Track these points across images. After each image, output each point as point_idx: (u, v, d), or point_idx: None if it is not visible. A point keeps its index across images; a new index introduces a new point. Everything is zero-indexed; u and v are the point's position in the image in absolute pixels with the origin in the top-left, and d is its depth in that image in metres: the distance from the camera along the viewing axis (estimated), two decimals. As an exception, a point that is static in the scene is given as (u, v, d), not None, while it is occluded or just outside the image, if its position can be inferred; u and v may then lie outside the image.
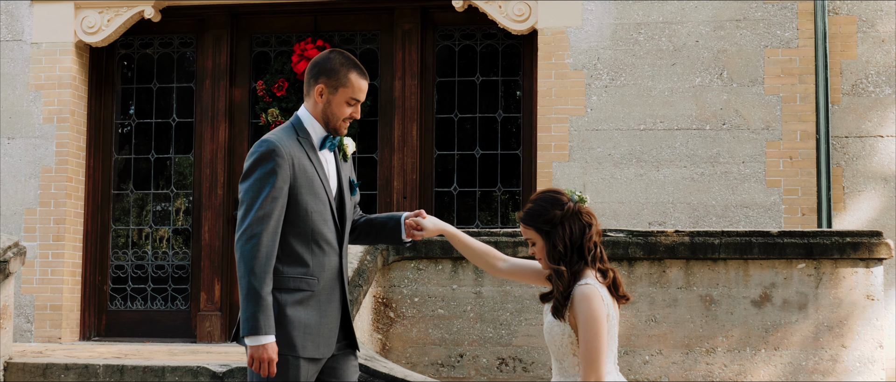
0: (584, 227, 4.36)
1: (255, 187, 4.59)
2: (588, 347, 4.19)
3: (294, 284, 4.64)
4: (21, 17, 11.26)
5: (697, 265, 7.94)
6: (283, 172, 4.59)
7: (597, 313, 4.22)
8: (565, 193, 4.42)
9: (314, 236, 4.68)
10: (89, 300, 11.42)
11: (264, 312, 4.51)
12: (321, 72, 4.79)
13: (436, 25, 11.34)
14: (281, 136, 4.70)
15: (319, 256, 4.70)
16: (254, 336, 4.51)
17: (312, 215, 4.68)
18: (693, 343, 7.90)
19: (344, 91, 4.77)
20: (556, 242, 4.33)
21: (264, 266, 4.53)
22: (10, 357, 8.38)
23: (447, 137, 11.25)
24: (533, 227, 4.40)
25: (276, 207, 4.57)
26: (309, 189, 4.68)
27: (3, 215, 11.08)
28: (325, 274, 4.72)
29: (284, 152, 4.62)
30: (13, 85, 11.20)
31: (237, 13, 11.55)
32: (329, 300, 4.74)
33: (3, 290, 8.22)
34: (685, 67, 10.35)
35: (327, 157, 4.83)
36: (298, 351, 4.61)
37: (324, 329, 4.70)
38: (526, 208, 4.45)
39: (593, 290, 4.26)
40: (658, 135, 10.33)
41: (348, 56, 4.86)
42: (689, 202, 10.22)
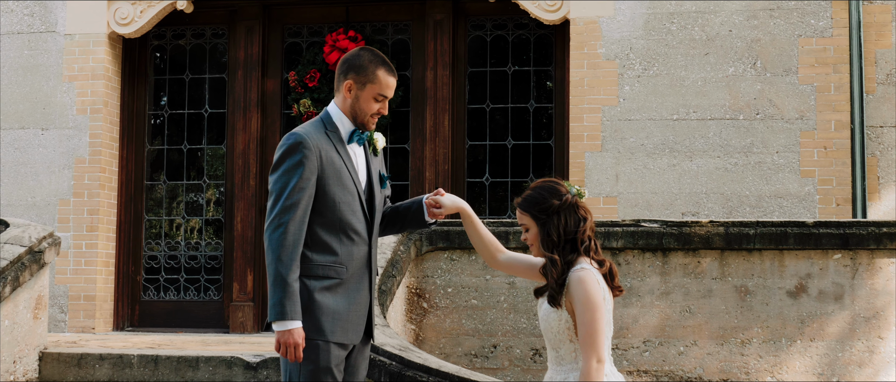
0: (578, 220, 4.42)
1: (284, 178, 4.71)
2: (587, 329, 4.25)
3: (323, 271, 4.76)
4: (54, 8, 11.32)
5: (732, 256, 7.89)
6: (310, 163, 4.72)
7: (594, 295, 4.28)
8: (564, 185, 4.47)
9: (342, 226, 4.80)
10: (123, 290, 11.47)
11: (291, 298, 4.63)
12: (350, 68, 4.92)
13: (467, 15, 11.31)
14: (309, 129, 4.83)
15: (348, 245, 4.81)
16: (281, 321, 4.63)
17: (340, 206, 4.79)
18: (728, 335, 7.86)
19: (372, 87, 4.89)
20: (551, 231, 4.40)
21: (291, 254, 4.66)
22: (45, 347, 8.43)
23: (479, 127, 11.23)
24: (529, 213, 4.47)
25: (303, 197, 4.70)
26: (337, 181, 4.79)
27: (38, 206, 11.14)
28: (353, 263, 4.83)
29: (312, 145, 4.75)
30: (47, 76, 11.26)
31: (269, 4, 11.56)
32: (357, 289, 4.85)
33: (37, 280, 8.27)
34: (718, 57, 10.29)
35: (356, 150, 4.94)
36: (327, 335, 4.72)
37: (352, 316, 4.81)
38: (524, 194, 4.52)
39: (589, 274, 4.33)
40: (691, 125, 10.27)
41: (377, 53, 4.96)
42: (723, 193, 10.16)
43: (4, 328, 7.91)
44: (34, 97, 11.26)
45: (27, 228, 8.39)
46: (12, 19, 11.37)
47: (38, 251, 8.24)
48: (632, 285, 7.94)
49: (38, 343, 8.32)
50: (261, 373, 7.73)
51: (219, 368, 7.83)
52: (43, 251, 8.29)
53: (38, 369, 8.27)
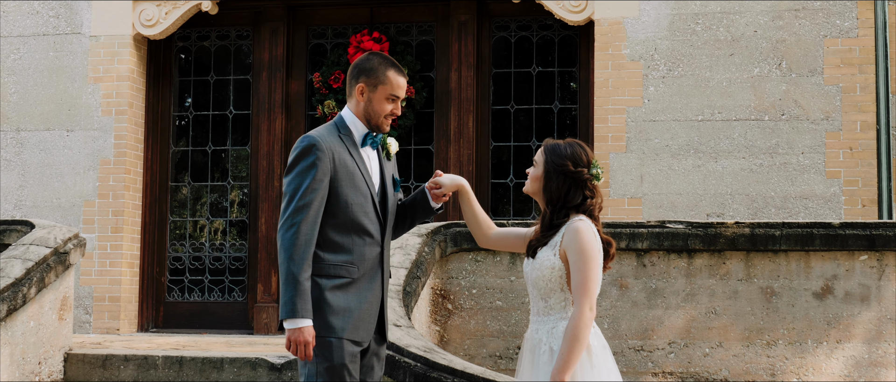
0: (583, 197, 4.51)
1: (297, 180, 4.80)
2: (582, 276, 4.33)
3: (334, 271, 4.83)
4: (80, 10, 11.36)
5: (758, 257, 7.85)
6: (323, 165, 4.80)
7: (590, 244, 4.37)
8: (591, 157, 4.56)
9: (355, 227, 4.87)
10: (147, 291, 11.50)
11: (302, 296, 4.69)
12: (361, 72, 5.02)
13: (492, 16, 11.30)
14: (322, 133, 4.92)
15: (360, 246, 4.89)
16: (291, 319, 4.69)
17: (353, 207, 4.87)
18: (754, 336, 7.82)
19: (383, 88, 4.99)
20: (553, 188, 4.51)
21: (303, 253, 4.73)
22: (71, 348, 8.46)
23: (503, 128, 11.21)
24: (546, 156, 4.57)
25: (315, 198, 4.78)
26: (349, 183, 4.87)
27: (63, 207, 11.19)
28: (365, 264, 4.90)
29: (325, 147, 4.83)
30: (72, 78, 11.31)
31: (293, 5, 11.58)
32: (369, 288, 4.91)
33: (63, 281, 8.30)
34: (743, 58, 10.25)
35: (369, 154, 5.04)
36: (339, 333, 4.78)
37: (363, 315, 4.87)
38: (557, 141, 4.62)
39: (587, 225, 4.42)
40: (716, 126, 10.23)
41: (386, 56, 5.08)
42: (748, 194, 10.11)
43: (30, 329, 7.94)
44: (60, 99, 11.31)
45: (52, 229, 8.42)
46: (38, 21, 11.42)
47: (63, 253, 8.27)
48: (657, 286, 7.91)
49: (63, 344, 8.35)
50: (285, 374, 7.74)
51: (243, 369, 7.84)
52: (68, 252, 8.31)
53: (63, 370, 8.30)
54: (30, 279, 7.88)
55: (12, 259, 7.98)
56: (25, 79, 11.38)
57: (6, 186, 11.30)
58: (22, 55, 11.42)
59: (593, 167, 4.52)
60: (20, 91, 11.38)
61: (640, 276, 7.92)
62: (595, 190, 4.54)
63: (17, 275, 7.79)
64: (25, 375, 7.87)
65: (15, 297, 7.72)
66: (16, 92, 11.39)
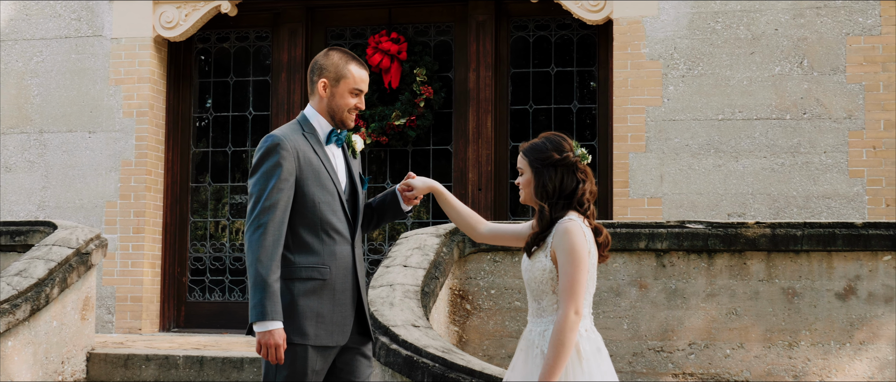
0: (576, 181, 4.44)
1: (262, 180, 4.73)
2: (568, 279, 4.26)
3: (306, 273, 4.77)
4: (101, 12, 11.41)
5: (779, 258, 7.82)
6: (287, 164, 4.74)
7: (578, 246, 4.29)
8: (571, 143, 4.50)
9: (323, 225, 4.81)
10: (169, 291, 11.55)
11: (271, 298, 4.62)
12: (322, 67, 4.96)
13: (510, 16, 11.29)
14: (286, 131, 4.85)
15: (329, 245, 4.83)
16: (261, 322, 4.62)
17: (320, 206, 4.81)
18: (775, 337, 7.79)
19: (345, 82, 4.92)
20: (546, 182, 4.43)
21: (271, 254, 4.66)
22: (93, 348, 8.50)
23: (522, 128, 11.20)
24: (527, 159, 4.50)
25: (281, 198, 4.71)
26: (315, 180, 4.82)
27: (85, 208, 11.24)
28: (336, 263, 4.84)
29: (289, 146, 4.76)
30: (94, 80, 11.36)
31: (312, 6, 11.60)
32: (342, 290, 4.85)
33: (85, 282, 8.34)
34: (764, 56, 10.21)
35: (334, 151, 4.98)
36: (310, 340, 4.73)
37: (336, 318, 4.81)
38: (531, 140, 4.55)
39: (576, 225, 4.34)
40: (737, 125, 10.19)
41: (346, 51, 5.03)
42: (769, 193, 10.07)
43: (52, 329, 7.98)
44: (82, 101, 11.36)
45: (75, 230, 8.46)
46: (60, 24, 11.48)
47: (85, 253, 8.31)
48: (677, 287, 7.89)
49: (85, 344, 8.39)
50: (305, 375, 7.74)
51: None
52: (90, 252, 8.36)
53: (85, 369, 8.34)
54: (52, 279, 7.92)
55: (35, 260, 8.03)
56: (48, 81, 11.44)
57: (29, 187, 11.37)
58: (44, 58, 11.48)
59: (576, 148, 4.48)
60: (43, 93, 11.44)
61: (659, 276, 7.90)
62: (586, 172, 4.48)
63: (39, 275, 7.84)
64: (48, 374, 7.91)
65: (38, 297, 7.77)
66: (38, 94, 11.45)
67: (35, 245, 8.35)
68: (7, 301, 7.54)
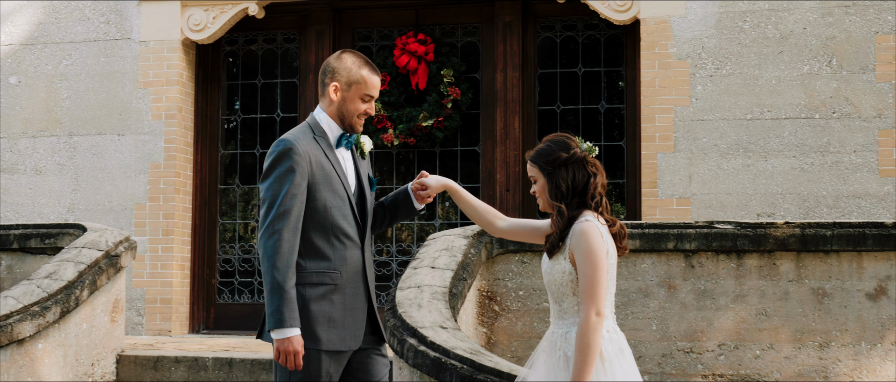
0: (587, 175, 4.45)
1: (275, 186, 4.72)
2: (588, 280, 4.27)
3: (317, 279, 4.76)
4: (129, 15, 11.47)
5: (809, 258, 7.77)
6: (300, 169, 4.72)
7: (596, 247, 4.29)
8: (576, 140, 4.51)
9: (334, 230, 4.80)
10: (198, 293, 11.59)
11: (288, 305, 4.62)
12: (334, 70, 4.93)
13: (537, 17, 11.28)
14: (297, 135, 4.83)
15: (340, 250, 4.82)
16: (279, 329, 4.62)
17: (331, 211, 4.80)
18: (805, 338, 7.75)
19: (357, 87, 4.90)
20: (559, 183, 4.44)
21: (287, 261, 4.66)
22: (123, 350, 8.54)
23: (550, 129, 11.17)
24: (537, 165, 4.51)
25: (295, 203, 4.70)
26: (327, 185, 4.80)
27: (115, 210, 11.30)
28: (347, 268, 4.83)
29: (301, 150, 4.75)
30: (122, 83, 11.42)
31: (339, 8, 11.62)
32: (353, 294, 4.85)
33: (114, 284, 8.38)
34: (793, 55, 10.15)
35: (344, 154, 4.96)
36: (322, 345, 4.73)
37: (348, 322, 4.81)
38: (536, 147, 4.56)
39: (592, 226, 4.35)
40: (765, 124, 10.14)
41: (360, 54, 4.99)
42: (799, 193, 10.02)
43: (82, 331, 8.03)
44: (111, 103, 11.42)
45: (104, 232, 8.51)
46: (89, 27, 11.55)
47: (114, 255, 8.35)
48: (705, 287, 7.85)
49: (115, 346, 8.43)
50: (334, 376, 7.75)
51: (292, 371, 7.86)
52: (119, 255, 8.40)
53: (115, 371, 8.39)
54: (82, 281, 7.97)
55: (65, 262, 8.07)
56: (77, 84, 11.51)
57: (60, 189, 11.44)
58: (74, 61, 11.55)
59: (582, 143, 4.49)
60: (72, 96, 11.51)
61: (688, 277, 7.87)
62: (596, 165, 4.49)
63: (69, 278, 7.89)
64: (78, 376, 7.95)
65: (68, 300, 7.81)
66: (68, 97, 11.52)
67: (65, 248, 8.40)
68: (37, 304, 7.59)
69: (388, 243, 11.49)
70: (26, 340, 7.48)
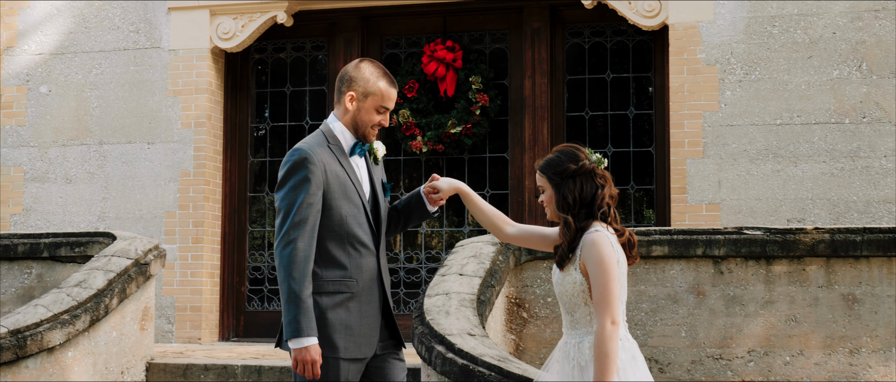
0: (595, 187, 4.49)
1: (291, 195, 4.73)
2: (601, 290, 4.29)
3: (333, 287, 4.77)
4: (159, 24, 11.54)
5: (839, 264, 7.71)
6: (316, 178, 4.73)
7: (607, 256, 4.33)
8: (585, 151, 4.54)
9: (350, 239, 4.82)
10: (228, 301, 11.63)
11: (305, 314, 4.64)
12: (352, 80, 4.92)
13: (565, 23, 11.26)
14: (312, 143, 4.84)
15: (356, 258, 4.83)
16: (296, 338, 4.64)
17: (347, 219, 4.81)
18: (835, 344, 7.69)
19: (373, 99, 4.90)
20: (567, 194, 4.47)
21: (303, 270, 4.67)
22: (152, 358, 8.57)
23: (578, 135, 11.15)
24: (545, 176, 4.55)
25: (311, 212, 4.71)
26: (342, 194, 4.81)
27: (145, 219, 11.36)
28: (363, 275, 4.85)
29: (316, 159, 4.76)
30: (152, 91, 11.48)
31: (367, 15, 11.65)
32: (369, 301, 4.86)
33: (144, 292, 8.42)
34: (822, 60, 10.09)
35: (358, 162, 4.97)
36: (340, 352, 4.74)
37: (364, 329, 4.83)
38: (546, 157, 4.59)
39: (602, 236, 4.38)
40: (795, 129, 10.08)
41: (378, 65, 4.98)
42: (829, 198, 9.95)
43: (112, 339, 8.07)
44: (140, 112, 11.49)
45: (133, 241, 8.55)
46: (119, 36, 11.62)
47: (143, 264, 8.40)
48: (735, 294, 7.81)
49: (144, 354, 8.47)
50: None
51: (321, 378, 7.87)
52: (148, 263, 8.44)
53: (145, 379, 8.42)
54: (111, 289, 8.01)
55: (94, 271, 8.12)
56: (107, 93, 11.59)
57: (90, 198, 11.51)
58: (103, 70, 11.62)
59: (591, 155, 4.52)
60: (102, 105, 11.58)
61: (717, 283, 7.83)
62: (605, 176, 4.52)
63: (99, 286, 7.93)
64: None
65: (97, 308, 7.85)
66: (98, 106, 11.60)
67: (94, 256, 8.45)
68: (67, 312, 7.64)
69: (417, 250, 11.50)
70: (56, 348, 7.53)
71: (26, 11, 11.86)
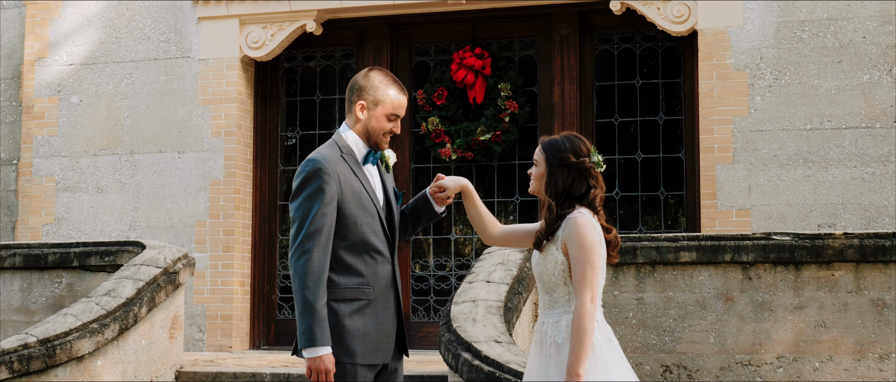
0: (587, 187, 4.57)
1: (305, 205, 4.78)
2: (582, 268, 4.39)
3: (351, 294, 4.82)
4: (189, 34, 11.61)
5: (868, 269, 7.65)
6: (330, 188, 4.78)
7: (590, 237, 4.43)
8: (590, 148, 4.62)
9: (365, 247, 4.86)
10: (258, 309, 11.67)
11: (320, 324, 4.69)
12: (361, 89, 4.98)
13: (594, 29, 11.24)
14: (326, 153, 4.89)
15: (372, 265, 4.88)
16: (311, 347, 4.69)
17: (362, 227, 4.86)
18: (865, 349, 7.62)
19: (383, 107, 4.96)
20: (558, 180, 4.57)
21: (317, 280, 4.72)
22: (181, 366, 8.62)
23: (608, 141, 11.13)
24: (545, 154, 4.64)
25: (325, 222, 4.76)
26: (356, 203, 4.86)
27: (175, 228, 11.42)
28: (379, 283, 4.90)
29: (330, 169, 4.81)
30: (182, 101, 11.55)
31: (396, 24, 11.67)
32: (385, 308, 4.91)
33: (173, 301, 8.47)
34: (852, 64, 10.02)
35: (371, 170, 5.01)
36: (357, 358, 4.79)
37: (381, 336, 4.88)
38: (552, 136, 4.68)
39: (586, 218, 4.48)
40: (825, 134, 10.01)
41: (388, 73, 5.04)
42: (860, 203, 9.87)
43: (141, 347, 8.11)
44: (171, 121, 11.55)
45: (162, 249, 8.60)
46: (149, 46, 11.70)
47: (172, 272, 8.44)
48: (763, 299, 7.76)
49: (174, 362, 8.51)
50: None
51: (348, 386, 7.88)
52: (177, 272, 8.48)
53: (174, 387, 8.46)
54: (140, 298, 8.06)
55: (123, 279, 8.17)
56: (138, 103, 11.66)
57: (121, 207, 11.59)
58: (134, 80, 11.70)
59: (593, 154, 4.59)
60: (133, 115, 11.66)
61: (745, 289, 7.78)
62: (598, 178, 4.59)
63: (128, 295, 7.98)
64: (137, 393, 8.04)
65: (126, 316, 7.90)
66: (129, 116, 11.67)
67: (123, 265, 8.50)
68: (96, 321, 7.69)
69: (447, 257, 11.50)
70: (85, 357, 7.58)
71: (57, 22, 11.96)
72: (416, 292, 11.48)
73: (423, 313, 11.43)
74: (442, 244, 11.53)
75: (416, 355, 10.42)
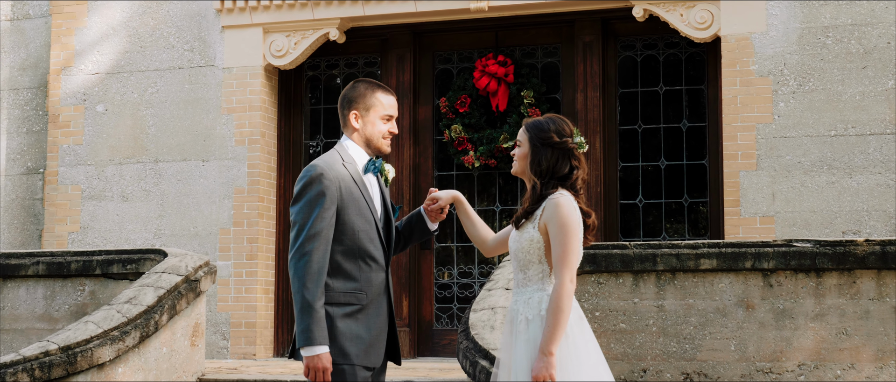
0: (571, 167, 4.70)
1: (306, 209, 4.93)
2: (563, 249, 4.52)
3: (345, 299, 4.95)
4: (213, 43, 11.66)
5: (890, 276, 7.58)
6: (330, 193, 4.94)
7: (570, 218, 4.56)
8: (572, 128, 4.75)
9: (361, 253, 5.01)
10: (282, 316, 11.69)
11: (318, 323, 4.82)
12: (351, 99, 5.21)
13: (617, 36, 11.21)
14: (328, 160, 5.06)
15: (367, 272, 5.03)
16: (309, 346, 4.81)
17: (359, 235, 5.01)
18: (887, 357, 7.55)
19: (375, 110, 5.19)
20: (542, 160, 4.69)
21: (316, 281, 4.86)
22: (203, 374, 8.64)
23: (631, 148, 11.09)
24: (528, 134, 4.76)
25: (325, 226, 4.90)
26: (356, 210, 5.02)
27: (200, 236, 11.46)
28: (372, 289, 5.04)
29: (331, 175, 4.97)
30: (206, 109, 11.60)
31: (419, 31, 11.68)
32: (377, 314, 5.05)
33: (194, 308, 8.50)
34: (877, 70, 9.94)
35: (371, 180, 5.17)
36: (352, 359, 4.92)
37: (373, 340, 5.01)
38: (537, 118, 4.80)
39: (567, 199, 4.61)
40: (850, 141, 9.94)
41: (372, 80, 5.25)
42: (886, 210, 9.79)
43: (162, 355, 8.14)
44: (195, 130, 11.60)
45: (184, 257, 8.63)
46: (173, 55, 11.76)
47: (194, 280, 8.47)
48: (784, 307, 7.71)
49: (195, 370, 8.54)
50: (409, 398, 7.76)
51: (368, 393, 7.88)
52: (199, 279, 8.51)
53: (195, 394, 8.49)
54: (161, 306, 8.09)
55: (144, 287, 8.21)
56: (162, 111, 11.72)
57: (146, 215, 11.64)
58: (159, 88, 11.76)
59: (576, 135, 4.67)
60: (157, 123, 11.72)
61: (766, 297, 7.73)
62: (581, 159, 4.71)
63: (149, 303, 8.02)
64: (158, 400, 8.07)
65: (147, 324, 7.94)
66: (153, 124, 11.73)
67: (145, 273, 8.54)
68: (117, 329, 7.72)
69: (470, 265, 11.48)
70: (106, 364, 7.61)
71: (83, 32, 12.05)
72: (440, 299, 11.48)
73: (446, 320, 11.43)
74: (467, 252, 11.52)
75: (439, 362, 10.41)
